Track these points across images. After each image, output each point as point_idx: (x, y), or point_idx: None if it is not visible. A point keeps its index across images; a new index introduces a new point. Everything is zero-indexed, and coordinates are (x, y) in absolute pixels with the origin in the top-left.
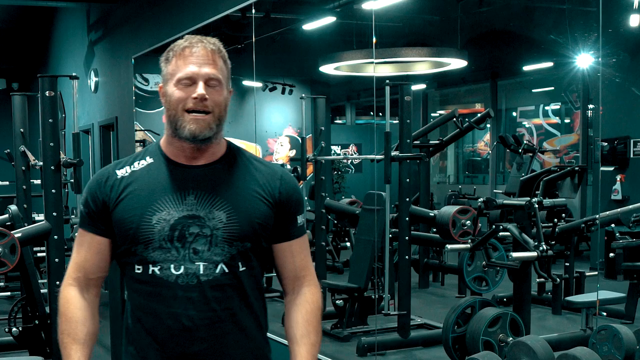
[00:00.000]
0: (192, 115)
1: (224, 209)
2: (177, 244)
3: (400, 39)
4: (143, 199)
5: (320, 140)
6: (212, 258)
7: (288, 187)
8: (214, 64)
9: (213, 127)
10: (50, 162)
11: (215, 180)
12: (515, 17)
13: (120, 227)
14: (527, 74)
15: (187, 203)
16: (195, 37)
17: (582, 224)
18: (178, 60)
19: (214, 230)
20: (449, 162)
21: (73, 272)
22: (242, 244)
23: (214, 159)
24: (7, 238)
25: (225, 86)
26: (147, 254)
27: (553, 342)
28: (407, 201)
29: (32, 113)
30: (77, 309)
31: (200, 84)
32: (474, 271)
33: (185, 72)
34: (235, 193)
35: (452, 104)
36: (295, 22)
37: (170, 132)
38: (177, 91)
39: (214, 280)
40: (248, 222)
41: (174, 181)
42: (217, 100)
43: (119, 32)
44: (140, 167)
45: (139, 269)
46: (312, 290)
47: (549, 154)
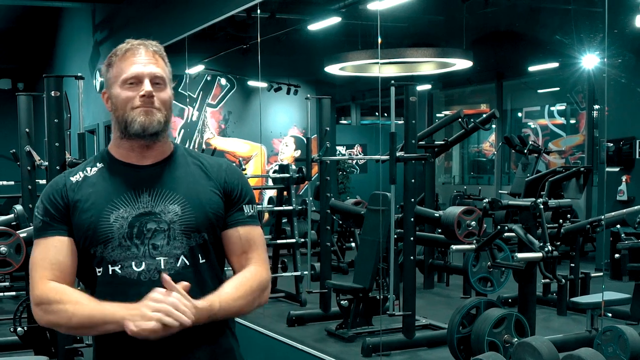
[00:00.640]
0: (141, 108)
1: (178, 202)
2: (136, 241)
3: (405, 40)
4: (99, 200)
5: (325, 141)
6: (172, 252)
7: (232, 177)
8: (157, 64)
9: (161, 122)
10: (55, 162)
11: (166, 177)
12: (520, 18)
13: (79, 229)
14: (532, 74)
15: (142, 201)
16: (137, 41)
17: (587, 225)
18: (121, 63)
19: (170, 224)
20: (454, 163)
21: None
22: (199, 235)
23: (163, 157)
24: (12, 238)
25: (168, 85)
26: (106, 253)
27: (558, 343)
28: (412, 202)
29: (38, 113)
30: (73, 291)
31: (146, 82)
32: (479, 272)
33: (131, 72)
34: (187, 187)
35: (457, 105)
36: (300, 23)
37: (119, 134)
38: (124, 91)
39: (176, 274)
40: (202, 212)
41: (127, 181)
42: (163, 97)
43: (124, 33)
44: (93, 173)
45: (100, 271)
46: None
47: (554, 155)
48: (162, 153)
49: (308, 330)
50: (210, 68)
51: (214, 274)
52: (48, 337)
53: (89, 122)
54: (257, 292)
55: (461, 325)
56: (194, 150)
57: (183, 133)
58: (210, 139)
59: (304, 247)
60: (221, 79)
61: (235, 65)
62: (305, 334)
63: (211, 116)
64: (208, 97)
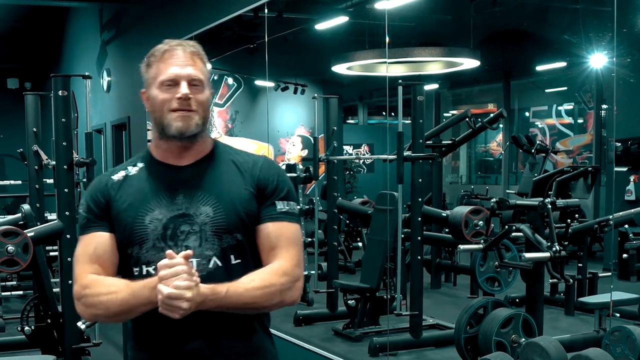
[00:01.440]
0: (178, 113)
1: (210, 203)
2: (170, 243)
3: (413, 39)
4: (137, 201)
5: (332, 140)
6: (204, 253)
7: (267, 173)
8: (195, 65)
9: (199, 124)
10: (62, 162)
11: (202, 177)
12: (528, 17)
13: (118, 229)
14: (540, 73)
15: (176, 202)
16: (175, 41)
17: (595, 225)
18: (159, 64)
19: (202, 226)
20: (462, 162)
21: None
22: (231, 236)
23: (201, 157)
24: (19, 237)
25: (206, 86)
26: (141, 254)
27: (566, 343)
28: (419, 201)
29: (45, 112)
30: (106, 278)
31: (183, 84)
32: (486, 272)
33: (168, 75)
34: (220, 187)
35: (464, 104)
36: (307, 22)
37: (157, 135)
38: (161, 93)
39: (207, 275)
40: (234, 213)
41: (164, 182)
42: (200, 99)
43: (131, 32)
44: (133, 173)
45: (136, 271)
46: (282, 262)
47: (562, 154)
48: (200, 152)
49: (315, 330)
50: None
51: (247, 271)
52: (55, 336)
53: (96, 121)
54: (276, 287)
55: (468, 325)
56: (233, 147)
57: None
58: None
59: (311, 246)
60: (228, 79)
61: (243, 65)
62: (312, 333)
63: (218, 115)
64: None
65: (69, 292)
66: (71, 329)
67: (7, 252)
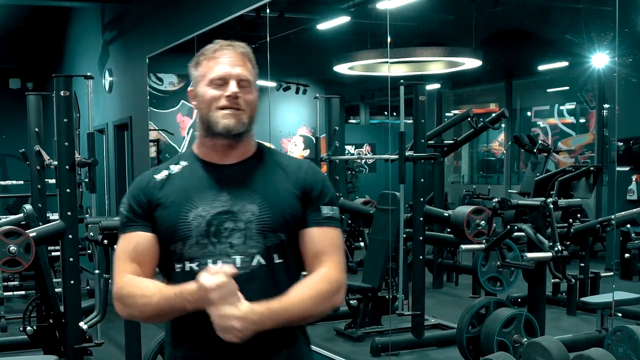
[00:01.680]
0: (226, 110)
1: (256, 202)
2: (213, 239)
3: (414, 39)
4: (180, 198)
5: (334, 140)
6: (247, 251)
7: (312, 177)
8: (244, 66)
9: (245, 123)
10: (64, 162)
11: (247, 176)
12: (530, 17)
13: (160, 227)
14: (542, 73)
15: (221, 200)
16: (225, 42)
17: (597, 225)
18: (209, 62)
19: (247, 224)
20: (464, 162)
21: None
22: (275, 235)
23: (245, 157)
24: (22, 237)
25: (254, 88)
26: (185, 250)
27: (568, 343)
28: (421, 201)
29: (47, 113)
30: (141, 280)
31: (232, 83)
32: (488, 271)
33: (218, 73)
34: (266, 187)
35: (466, 104)
36: (309, 22)
37: (203, 132)
38: (210, 90)
39: (251, 273)
40: (280, 213)
41: (208, 180)
42: (248, 99)
43: (133, 32)
44: (176, 171)
45: (179, 268)
46: (328, 270)
47: (564, 154)
48: (244, 152)
49: (317, 330)
50: None
51: (290, 273)
52: (57, 336)
53: (98, 121)
54: (325, 294)
55: (470, 325)
56: (277, 151)
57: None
58: None
59: None
60: None
61: None
62: (314, 333)
63: None
64: None
65: (71, 292)
66: (73, 329)
67: (9, 252)
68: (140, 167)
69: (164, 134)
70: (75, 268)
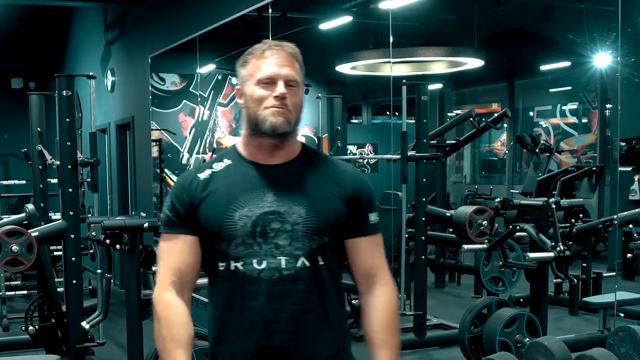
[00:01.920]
0: (274, 109)
1: (303, 204)
2: (259, 240)
3: (417, 39)
4: (225, 198)
5: (336, 140)
6: (293, 252)
7: (360, 185)
8: (292, 67)
9: (292, 123)
10: (67, 161)
11: (292, 178)
12: (532, 17)
13: (205, 225)
14: (544, 73)
15: (267, 200)
16: (274, 42)
17: (599, 225)
18: (258, 61)
19: (294, 225)
20: (466, 162)
21: (168, 277)
22: (320, 238)
23: (291, 157)
24: (24, 237)
25: (301, 89)
26: (230, 250)
27: (570, 343)
28: (423, 201)
29: (49, 112)
30: (178, 314)
31: (280, 83)
32: (490, 271)
33: (266, 73)
34: (312, 189)
35: (469, 104)
36: (311, 22)
37: (249, 131)
38: (258, 89)
39: (295, 274)
40: (325, 216)
41: (254, 179)
42: (294, 100)
43: (135, 32)
44: (220, 169)
45: (222, 266)
46: (386, 290)
47: (566, 154)
48: (290, 153)
49: None
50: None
51: (332, 275)
52: (59, 336)
53: (100, 121)
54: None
55: (472, 325)
56: (322, 152)
57: (194, 132)
58: (221, 138)
59: None
60: (232, 78)
61: None
62: None
63: (222, 115)
64: (219, 96)
65: (73, 292)
66: (75, 329)
67: (11, 252)
68: (142, 166)
69: (166, 134)
70: (77, 268)
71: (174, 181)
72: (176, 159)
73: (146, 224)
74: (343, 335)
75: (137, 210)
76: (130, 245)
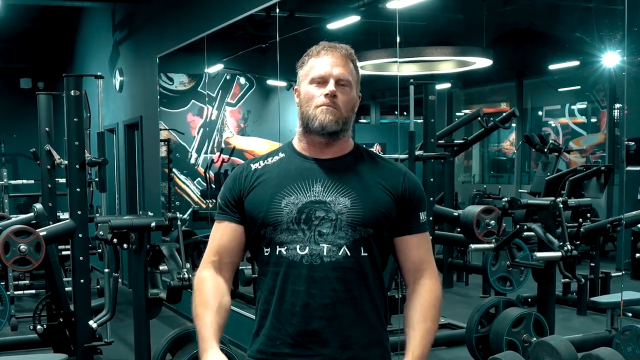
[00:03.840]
0: (323, 107)
1: (349, 195)
2: (303, 227)
3: (424, 38)
4: (273, 186)
5: None
6: (336, 241)
7: (411, 184)
8: (345, 67)
9: (340, 123)
10: (75, 161)
11: (342, 171)
12: (540, 16)
13: (252, 211)
14: (552, 72)
15: (314, 190)
16: (330, 43)
17: (607, 224)
18: (312, 62)
19: (339, 215)
20: (474, 162)
21: (209, 257)
22: (364, 230)
23: (342, 153)
24: (32, 236)
25: (354, 89)
26: (275, 235)
27: (577, 343)
28: (431, 200)
29: (58, 112)
30: (211, 286)
31: (331, 82)
32: (498, 271)
33: (318, 72)
34: (360, 183)
35: (477, 103)
36: (319, 22)
37: (302, 129)
38: (310, 89)
39: (336, 262)
40: (371, 209)
41: (303, 171)
42: (345, 100)
43: (144, 32)
44: (273, 161)
45: (267, 251)
46: (432, 281)
47: (575, 154)
48: (341, 150)
49: None
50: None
51: (374, 267)
52: (67, 335)
53: (109, 121)
54: (438, 306)
55: (480, 324)
56: (375, 152)
57: (202, 132)
58: (229, 138)
59: None
60: (240, 78)
61: (254, 64)
62: None
63: (230, 115)
64: (227, 96)
65: (81, 291)
66: (83, 328)
67: (19, 251)
68: (150, 166)
69: (174, 134)
70: (85, 267)
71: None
72: (184, 159)
73: (153, 224)
74: (380, 326)
75: (144, 209)
76: (138, 245)
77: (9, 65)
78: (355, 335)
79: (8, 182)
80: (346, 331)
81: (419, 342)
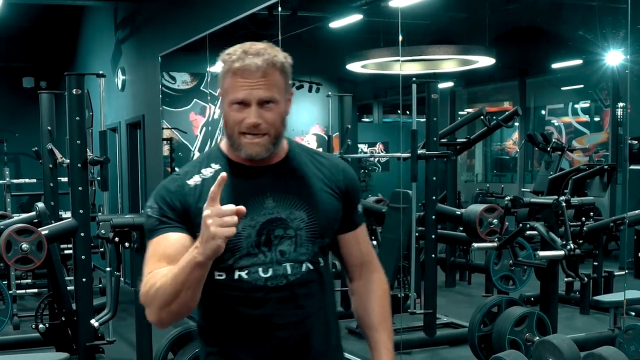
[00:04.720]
0: (248, 138)
1: (303, 208)
2: (263, 249)
3: (427, 37)
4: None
5: (347, 139)
6: (298, 258)
7: (350, 179)
8: (266, 82)
9: (270, 148)
10: (77, 160)
11: (287, 180)
12: (543, 14)
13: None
14: (555, 71)
15: (267, 206)
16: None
17: (610, 223)
18: (230, 79)
19: (297, 231)
20: (477, 161)
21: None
22: (322, 240)
23: (279, 159)
24: (34, 235)
25: (282, 98)
26: (233, 260)
27: (580, 342)
28: (433, 199)
29: (60, 111)
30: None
31: (253, 108)
32: (500, 270)
33: (236, 97)
34: (308, 189)
35: (479, 102)
36: (321, 20)
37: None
38: (232, 113)
39: (301, 278)
40: (325, 217)
41: (249, 186)
42: (272, 118)
43: (146, 31)
44: (210, 175)
45: (221, 275)
46: (380, 276)
47: (578, 153)
48: (277, 157)
49: None
50: None
51: (328, 272)
52: (69, 334)
53: (111, 120)
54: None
55: (482, 323)
56: (309, 147)
57: (205, 131)
58: None
59: None
60: None
61: None
62: None
63: None
64: None
65: (83, 290)
66: (85, 327)
67: (21, 250)
68: (152, 165)
69: (176, 133)
70: (87, 266)
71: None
72: (187, 158)
73: None
74: (337, 328)
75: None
76: (140, 243)
77: (12, 64)
78: (323, 345)
79: (10, 181)
80: (313, 345)
81: (388, 343)
